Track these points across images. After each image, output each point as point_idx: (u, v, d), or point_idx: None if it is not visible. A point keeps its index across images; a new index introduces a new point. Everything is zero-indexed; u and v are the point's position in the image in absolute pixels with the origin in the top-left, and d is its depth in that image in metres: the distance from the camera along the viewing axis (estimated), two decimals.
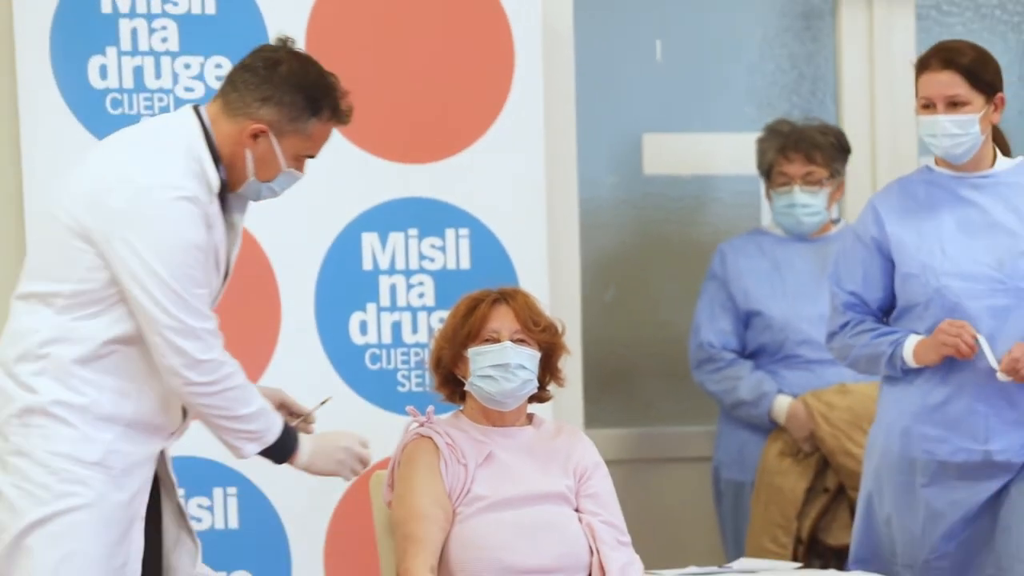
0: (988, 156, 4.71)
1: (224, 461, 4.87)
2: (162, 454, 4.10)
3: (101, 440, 3.99)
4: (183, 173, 3.97)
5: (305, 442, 4.13)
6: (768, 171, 5.55)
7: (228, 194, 4.06)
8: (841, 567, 5.20)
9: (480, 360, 4.24)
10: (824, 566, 5.37)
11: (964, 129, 4.66)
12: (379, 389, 5.08)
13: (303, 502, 5.03)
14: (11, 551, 4.00)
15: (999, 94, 4.68)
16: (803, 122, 5.61)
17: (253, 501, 5.06)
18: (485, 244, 5.15)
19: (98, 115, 4.94)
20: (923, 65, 4.63)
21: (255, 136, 4.03)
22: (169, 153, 4.01)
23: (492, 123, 5.12)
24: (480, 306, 4.29)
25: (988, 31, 6.11)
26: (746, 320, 5.51)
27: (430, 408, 4.31)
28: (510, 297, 4.32)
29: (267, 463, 4.39)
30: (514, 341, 4.24)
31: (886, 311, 4.74)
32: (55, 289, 3.99)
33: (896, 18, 5.98)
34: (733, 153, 5.83)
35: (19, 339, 4.03)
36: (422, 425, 4.25)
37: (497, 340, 4.24)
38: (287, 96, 4.03)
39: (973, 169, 4.69)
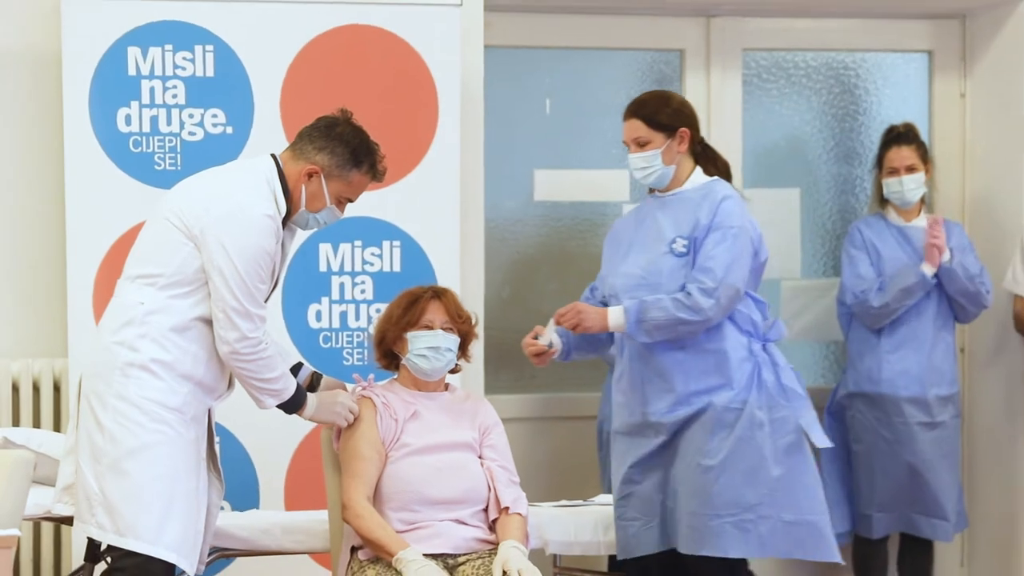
0: (682, 178, 4.80)
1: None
2: (209, 412, 4.39)
3: (181, 392, 4.25)
4: (266, 198, 4.29)
5: (312, 399, 4.43)
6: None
7: (287, 221, 4.37)
8: None
9: (417, 342, 4.52)
10: None
11: (649, 163, 4.76)
12: (329, 362, 5.27)
13: (269, 448, 5.31)
14: (110, 472, 4.23)
15: (681, 129, 4.76)
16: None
17: (232, 448, 5.29)
18: (412, 253, 5.40)
19: (123, 153, 5.26)
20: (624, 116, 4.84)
21: (310, 175, 4.32)
22: (257, 183, 4.32)
23: (420, 161, 5.35)
24: (420, 300, 4.57)
25: (796, 94, 6.41)
26: None
27: (371, 376, 4.62)
28: (442, 294, 4.60)
29: (245, 421, 4.94)
30: (444, 329, 4.54)
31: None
32: (159, 271, 4.26)
33: (727, 83, 6.25)
34: (603, 185, 6.09)
35: (127, 309, 4.27)
36: (364, 389, 4.56)
37: (431, 328, 4.54)
38: (338, 148, 4.33)
39: (667, 190, 4.82)
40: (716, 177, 4.84)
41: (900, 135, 5.95)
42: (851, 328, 5.99)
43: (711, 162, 4.87)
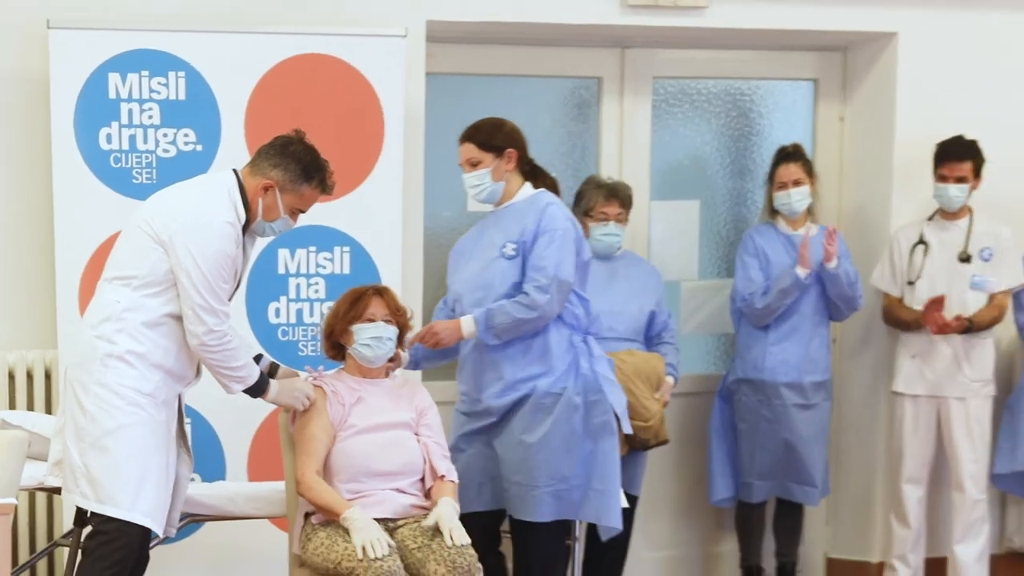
0: (511, 193, 4.91)
1: (186, 402, 4.91)
2: (179, 397, 4.52)
3: (153, 379, 4.37)
4: (228, 208, 4.39)
5: (273, 385, 4.55)
6: (589, 210, 5.75)
7: (247, 229, 4.46)
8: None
9: (362, 333, 4.66)
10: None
11: (480, 180, 4.88)
12: (287, 353, 5.36)
13: (234, 428, 5.39)
14: (92, 448, 4.33)
15: (508, 150, 4.87)
16: (613, 179, 5.88)
17: (202, 428, 5.37)
18: (360, 257, 5.46)
19: (104, 168, 5.29)
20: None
21: (266, 189, 4.42)
22: (219, 194, 4.42)
23: (368, 175, 5.41)
24: (364, 296, 4.70)
25: (699, 117, 6.47)
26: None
27: (320, 367, 4.79)
28: (383, 291, 4.74)
29: (213, 405, 5.06)
30: (385, 321, 4.68)
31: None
32: (133, 273, 4.36)
33: (638, 108, 6.34)
34: None
35: (105, 307, 4.37)
36: (316, 378, 4.70)
37: (374, 320, 4.67)
38: (291, 165, 4.42)
39: (499, 204, 4.93)
40: (542, 189, 4.95)
41: (789, 154, 6.05)
42: (740, 323, 6.13)
43: (540, 180, 4.97)
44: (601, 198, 5.78)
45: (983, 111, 6.29)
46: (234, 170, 4.48)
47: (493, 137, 4.88)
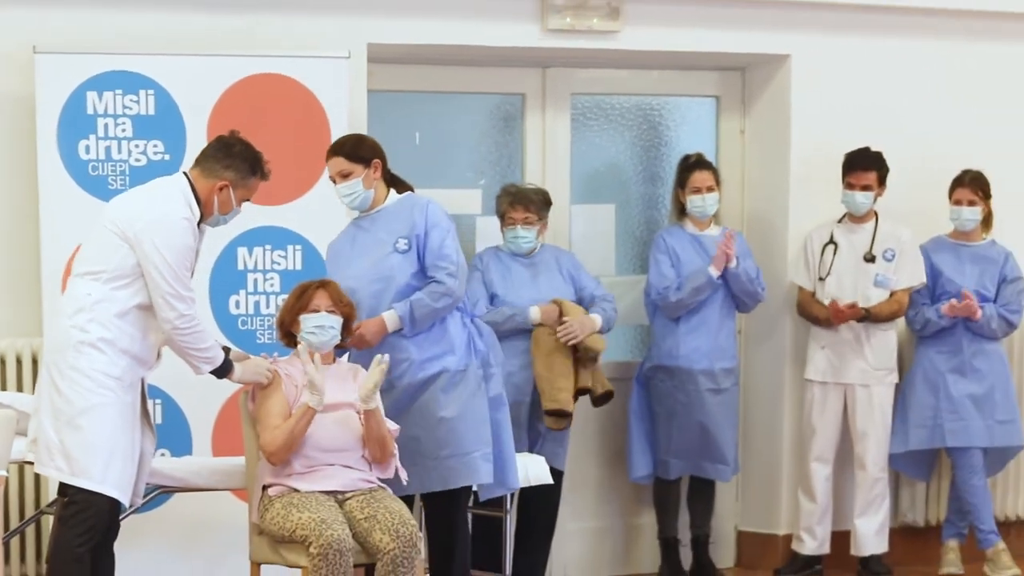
0: (380, 199, 4.97)
1: (157, 385, 5.22)
2: (142, 380, 4.63)
3: (120, 364, 4.49)
4: (184, 206, 4.52)
5: (237, 366, 4.68)
6: (501, 216, 5.93)
7: (201, 224, 4.59)
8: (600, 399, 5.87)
9: (308, 322, 4.74)
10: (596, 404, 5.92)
11: (352, 189, 4.90)
12: (246, 342, 5.43)
13: (199, 408, 5.48)
14: (67, 427, 4.45)
15: (374, 160, 4.90)
16: (523, 185, 6.00)
17: (171, 408, 5.48)
18: (310, 255, 5.55)
19: (83, 176, 5.41)
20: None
21: (221, 188, 4.55)
22: (176, 195, 4.53)
23: (316, 182, 5.47)
24: (309, 289, 4.78)
25: (613, 130, 6.60)
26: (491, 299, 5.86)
27: (275, 354, 4.93)
28: (327, 284, 4.80)
29: (181, 388, 5.19)
30: (328, 311, 4.74)
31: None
32: (102, 268, 4.46)
33: (558, 121, 6.47)
34: (460, 200, 6.27)
35: (78, 299, 4.47)
36: (271, 363, 4.78)
37: (318, 311, 4.75)
38: (240, 165, 4.56)
39: (371, 210, 4.94)
40: (410, 193, 5.05)
41: (701, 162, 6.17)
42: (655, 315, 6.29)
43: (399, 186, 5.04)
44: (507, 205, 5.89)
45: (869, 124, 6.47)
46: (184, 173, 4.60)
47: (360, 149, 4.91)
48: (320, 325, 4.73)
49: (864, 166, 6.25)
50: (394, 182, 5.05)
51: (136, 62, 5.44)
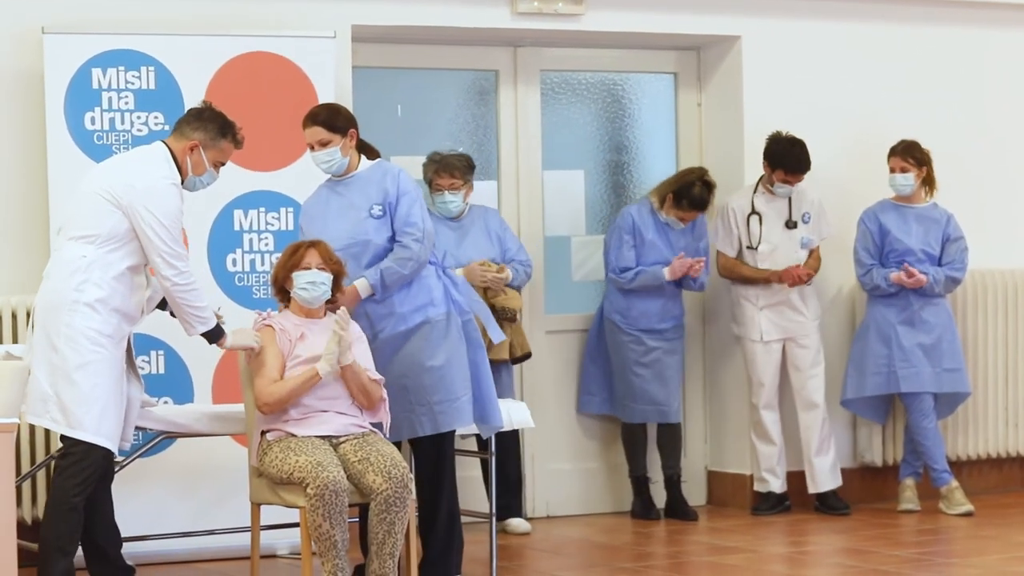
0: (354, 164, 4.95)
1: (159, 337, 5.37)
2: (128, 336, 4.66)
3: (111, 322, 4.51)
4: (169, 172, 4.56)
5: (228, 332, 4.68)
6: (428, 183, 5.94)
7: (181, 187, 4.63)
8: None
9: (300, 279, 4.73)
10: None
11: (331, 156, 4.89)
12: (242, 297, 5.54)
13: (200, 359, 5.47)
14: (63, 381, 4.46)
15: (351, 130, 4.89)
16: (448, 152, 5.95)
17: (174, 359, 5.52)
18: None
19: (89, 145, 5.45)
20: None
21: (192, 149, 4.57)
22: (160, 161, 4.57)
23: (305, 151, 5.16)
24: (300, 248, 4.76)
25: (580, 103, 6.66)
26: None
27: (269, 309, 4.91)
28: (317, 244, 4.79)
29: (183, 340, 5.00)
30: (319, 268, 4.73)
31: None
32: (95, 232, 4.48)
33: (529, 96, 6.54)
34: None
35: (72, 261, 4.48)
36: (266, 318, 4.80)
37: (309, 268, 4.73)
38: (209, 126, 4.58)
39: (345, 175, 4.95)
40: (380, 159, 5.07)
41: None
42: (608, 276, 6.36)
43: (369, 152, 5.06)
44: (433, 172, 5.90)
45: (813, 99, 6.57)
46: (163, 141, 4.61)
47: (337, 120, 4.90)
48: (312, 281, 4.73)
49: (793, 171, 6.26)
50: (364, 148, 5.06)
51: (138, 41, 5.50)
